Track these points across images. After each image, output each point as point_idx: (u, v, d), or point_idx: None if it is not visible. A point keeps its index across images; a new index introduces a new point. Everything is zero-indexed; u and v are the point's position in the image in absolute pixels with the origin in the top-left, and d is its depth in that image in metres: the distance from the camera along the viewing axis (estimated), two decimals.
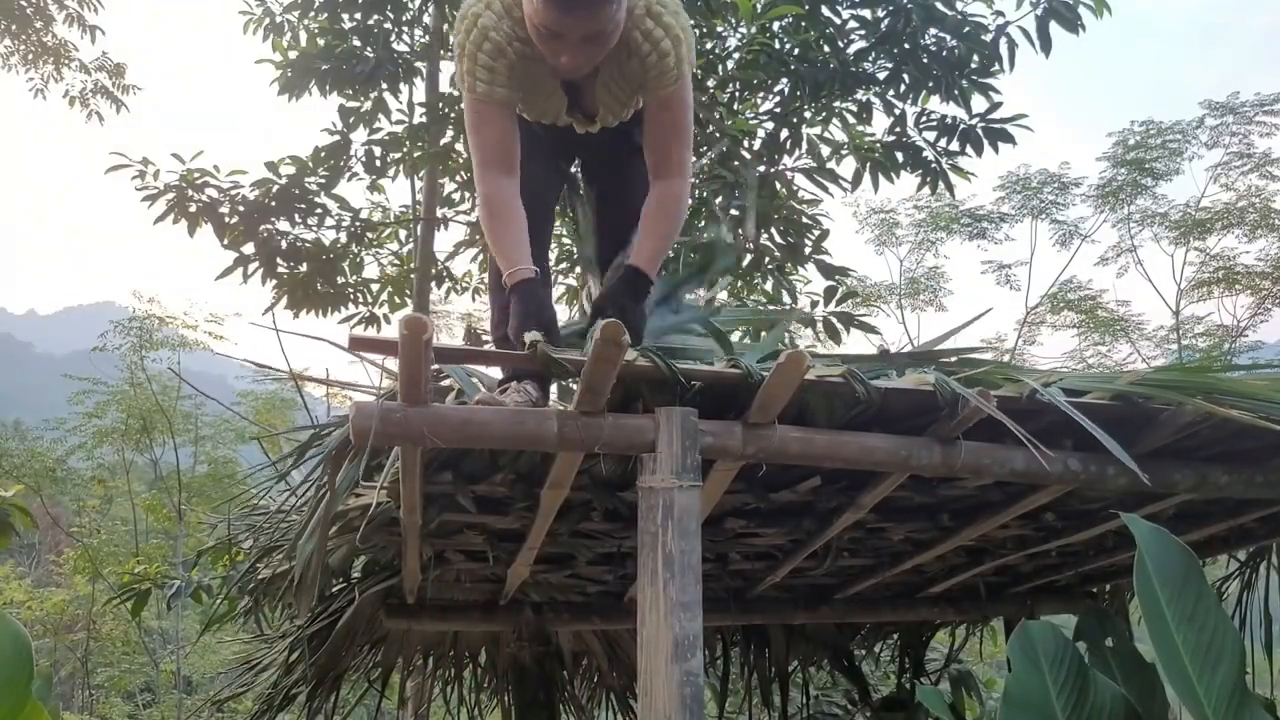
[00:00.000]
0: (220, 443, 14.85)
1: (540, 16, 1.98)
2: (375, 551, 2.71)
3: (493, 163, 2.13)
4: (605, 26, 2.00)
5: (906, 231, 16.46)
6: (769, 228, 5.41)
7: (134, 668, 14.23)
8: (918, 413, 1.90)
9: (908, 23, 5.01)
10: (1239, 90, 24.57)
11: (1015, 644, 2.15)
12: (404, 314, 1.56)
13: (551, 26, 1.98)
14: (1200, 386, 1.90)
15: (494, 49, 2.09)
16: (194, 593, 5.60)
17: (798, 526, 2.56)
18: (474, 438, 1.73)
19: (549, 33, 2.00)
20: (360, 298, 6.50)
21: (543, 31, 2.01)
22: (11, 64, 10.32)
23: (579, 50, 2.02)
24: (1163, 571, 1.89)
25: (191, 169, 5.75)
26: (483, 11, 2.10)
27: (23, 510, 4.85)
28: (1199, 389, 1.89)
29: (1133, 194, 15.39)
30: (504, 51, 2.10)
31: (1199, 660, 1.86)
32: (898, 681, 4.72)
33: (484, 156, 2.14)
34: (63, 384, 14.67)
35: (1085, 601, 3.70)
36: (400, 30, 6.11)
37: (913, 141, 5.44)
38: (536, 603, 3.43)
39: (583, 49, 2.02)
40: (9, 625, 1.92)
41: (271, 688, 3.55)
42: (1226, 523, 2.64)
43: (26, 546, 17.41)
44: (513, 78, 2.13)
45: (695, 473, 1.72)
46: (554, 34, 1.99)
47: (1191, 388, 1.90)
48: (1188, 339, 15.92)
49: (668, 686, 1.63)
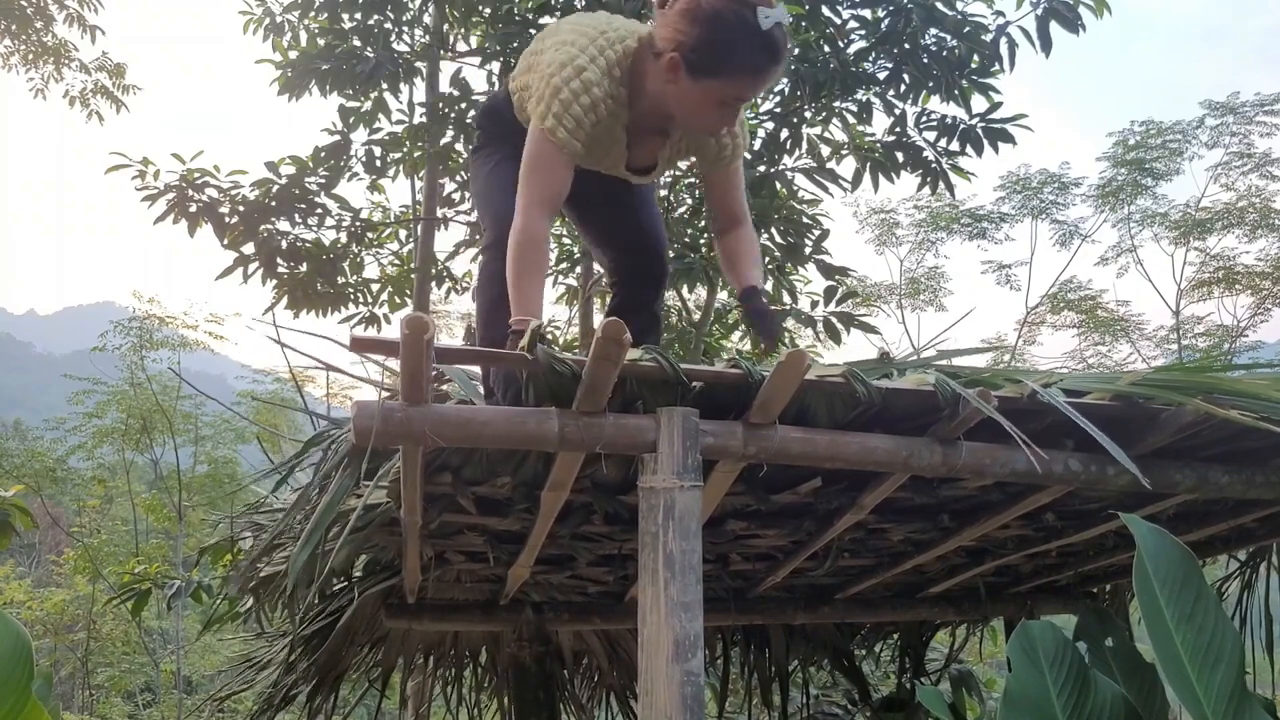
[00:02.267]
0: (220, 443, 14.86)
1: (739, 89, 2.12)
2: (376, 551, 2.71)
3: (544, 204, 2.15)
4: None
5: (906, 231, 16.49)
6: (769, 228, 5.41)
7: (134, 668, 14.23)
8: (918, 413, 1.91)
9: (908, 23, 5.01)
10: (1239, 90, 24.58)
11: (1015, 644, 2.15)
12: (405, 314, 1.56)
13: (746, 96, 2.17)
14: (1200, 386, 1.90)
15: (590, 105, 2.12)
16: (194, 593, 5.61)
17: (798, 528, 2.56)
18: (475, 437, 1.73)
19: (737, 103, 2.15)
20: (360, 298, 6.50)
21: (731, 103, 2.13)
22: (11, 64, 10.33)
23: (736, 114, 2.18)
24: (1162, 571, 1.89)
25: (191, 169, 5.76)
26: (588, 65, 2.11)
27: (23, 510, 4.86)
28: (1199, 389, 1.89)
29: (1133, 194, 15.41)
30: (597, 109, 2.13)
31: (1198, 660, 1.86)
32: (898, 681, 4.72)
33: (538, 196, 2.14)
34: (63, 384, 14.68)
35: (1085, 601, 3.70)
36: (400, 30, 6.11)
37: (913, 141, 5.44)
38: (537, 603, 3.43)
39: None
40: (9, 625, 1.92)
41: (272, 687, 3.56)
42: (1227, 523, 2.64)
43: (26, 546, 17.42)
44: (592, 134, 2.16)
45: (696, 473, 1.72)
46: (739, 101, 2.15)
47: (1192, 388, 1.90)
48: (1188, 339, 15.94)
49: (668, 686, 1.63)
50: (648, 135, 2.31)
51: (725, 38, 2.04)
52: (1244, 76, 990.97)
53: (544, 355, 1.67)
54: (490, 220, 2.41)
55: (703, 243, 5.82)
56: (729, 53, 2.05)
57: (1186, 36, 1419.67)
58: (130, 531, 14.46)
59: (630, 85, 2.18)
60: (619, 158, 2.33)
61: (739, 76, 2.08)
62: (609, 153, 2.31)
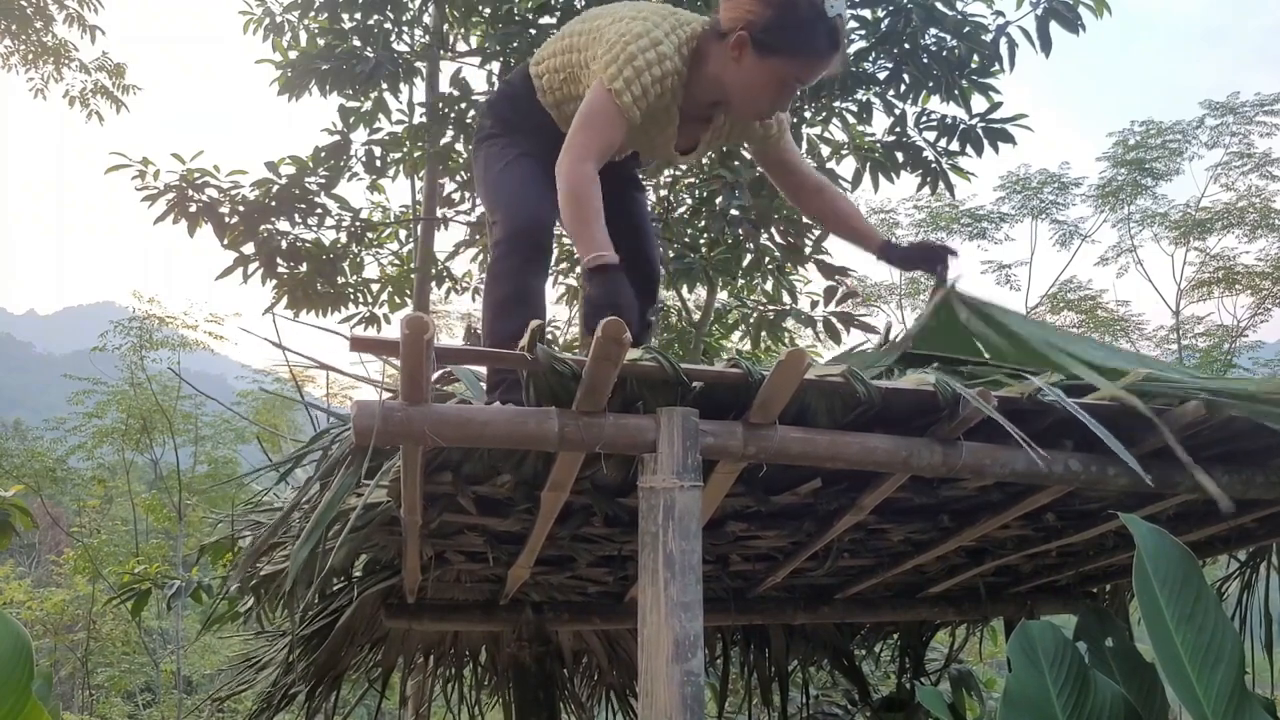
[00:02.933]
0: (220, 443, 14.86)
1: (805, 71, 2.21)
2: (375, 551, 2.71)
3: (595, 158, 2.18)
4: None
5: (906, 231, 16.48)
6: (769, 228, 5.41)
7: (134, 668, 14.23)
8: (918, 413, 1.91)
9: (908, 23, 5.01)
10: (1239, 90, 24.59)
11: (1015, 644, 2.15)
12: (405, 314, 1.56)
13: (810, 79, 2.25)
14: (1200, 386, 1.90)
15: (660, 77, 2.18)
16: (194, 593, 5.61)
17: (798, 528, 2.56)
18: (475, 437, 1.73)
19: (796, 83, 2.24)
20: (360, 298, 6.50)
21: (794, 85, 2.24)
22: (11, 64, 10.33)
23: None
24: (1162, 572, 1.89)
25: (191, 169, 5.76)
26: (663, 39, 2.19)
27: (23, 510, 4.86)
28: (1199, 389, 1.89)
29: (1133, 194, 15.42)
30: (664, 82, 2.20)
31: (1198, 660, 1.86)
32: (898, 681, 4.72)
33: (592, 150, 2.17)
34: (63, 384, 14.68)
35: (1085, 601, 3.69)
36: (400, 30, 6.11)
37: (913, 141, 5.45)
38: (537, 603, 3.43)
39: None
40: (9, 625, 1.92)
41: (271, 686, 3.55)
42: (1227, 523, 2.64)
43: (26, 546, 17.42)
44: (652, 109, 2.21)
45: (696, 473, 1.72)
46: (799, 83, 2.24)
47: (1191, 387, 1.90)
48: (1188, 339, 15.94)
49: (668, 686, 1.63)
50: (692, 121, 2.38)
51: (795, 19, 2.15)
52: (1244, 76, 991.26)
53: (544, 355, 1.67)
54: (503, 214, 2.38)
55: (702, 243, 5.82)
56: (798, 33, 2.16)
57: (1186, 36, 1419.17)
58: (130, 531, 14.47)
59: (691, 66, 2.25)
60: (670, 138, 2.38)
61: (804, 57, 2.18)
62: (663, 131, 2.35)
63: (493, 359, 2.06)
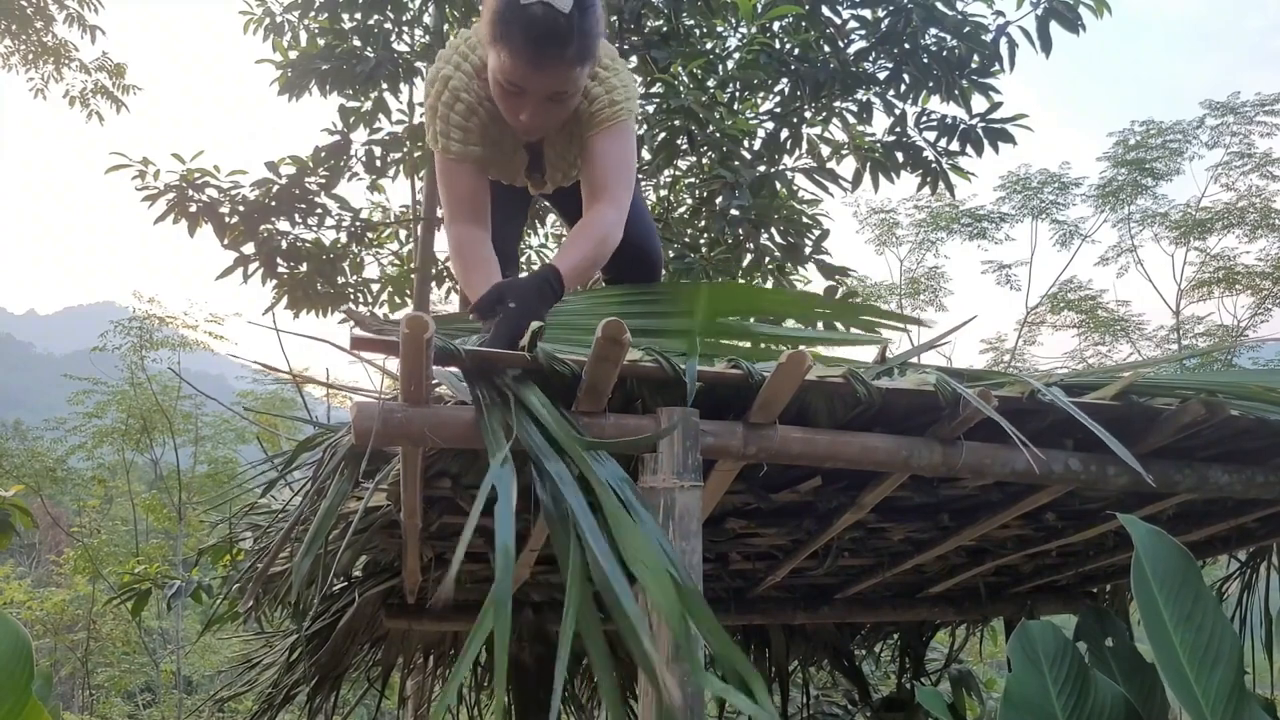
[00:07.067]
0: (220, 443, 14.87)
1: (505, 71, 1.95)
2: (376, 553, 2.71)
3: (463, 216, 2.16)
4: (569, 87, 1.99)
5: (906, 231, 16.50)
6: (769, 228, 5.41)
7: (134, 668, 14.23)
8: (918, 413, 1.91)
9: (908, 23, 5.01)
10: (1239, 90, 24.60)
11: (1015, 644, 2.15)
12: (405, 313, 1.56)
13: (517, 81, 1.96)
14: (1201, 386, 1.90)
15: (466, 109, 2.12)
16: (194, 593, 5.61)
17: (798, 527, 2.56)
18: (475, 438, 1.73)
19: (513, 88, 1.98)
20: (360, 298, 6.50)
21: (506, 87, 1.99)
22: (11, 64, 10.34)
23: (540, 109, 2.01)
24: (1160, 572, 1.89)
25: (191, 169, 5.76)
26: (453, 74, 2.11)
27: (23, 510, 4.86)
28: (1199, 389, 1.89)
29: (1133, 194, 15.43)
30: (476, 111, 2.12)
31: (1197, 660, 1.86)
32: (898, 681, 4.72)
33: (455, 210, 2.17)
34: (63, 384, 14.68)
35: (1085, 601, 3.70)
36: (400, 30, 6.12)
37: (913, 141, 5.45)
38: (537, 603, 3.43)
39: (543, 108, 2.01)
40: (9, 625, 1.92)
41: (272, 687, 3.55)
42: (1227, 523, 2.64)
43: (26, 546, 17.43)
44: (484, 137, 2.15)
45: (696, 472, 1.72)
46: (518, 90, 1.98)
47: (1192, 388, 1.90)
48: (1188, 339, 15.94)
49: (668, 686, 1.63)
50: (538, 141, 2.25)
51: (492, 16, 1.94)
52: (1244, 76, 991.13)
53: (544, 355, 1.67)
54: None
55: (702, 243, 5.82)
56: (493, 31, 1.94)
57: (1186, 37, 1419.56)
58: (130, 531, 14.47)
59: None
60: (521, 162, 2.31)
61: (503, 58, 1.94)
62: (511, 160, 2.29)
63: (493, 359, 2.06)
